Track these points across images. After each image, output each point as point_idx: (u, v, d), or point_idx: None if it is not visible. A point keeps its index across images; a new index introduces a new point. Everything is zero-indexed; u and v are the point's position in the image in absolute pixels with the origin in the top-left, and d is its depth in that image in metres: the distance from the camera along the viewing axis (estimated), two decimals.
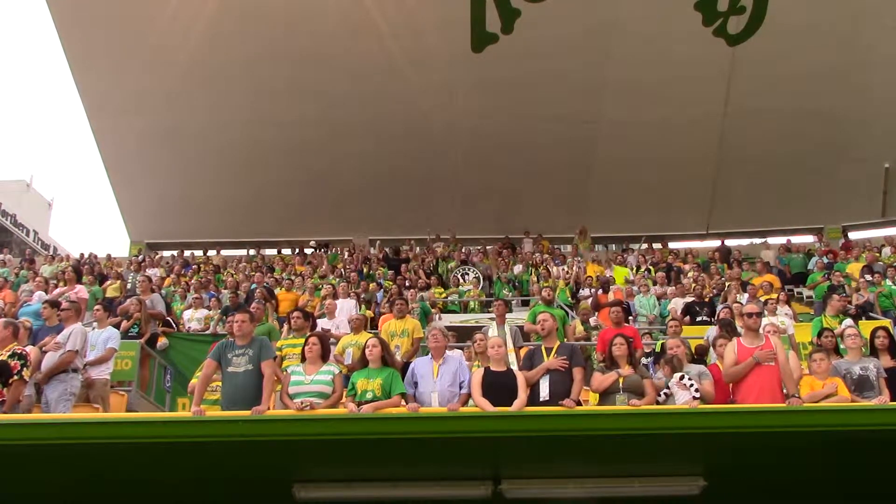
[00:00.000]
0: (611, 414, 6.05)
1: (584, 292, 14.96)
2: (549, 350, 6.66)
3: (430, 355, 6.79)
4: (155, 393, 10.52)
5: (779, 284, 14.38)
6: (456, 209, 22.64)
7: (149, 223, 23.82)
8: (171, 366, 11.09)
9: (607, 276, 15.86)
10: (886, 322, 10.51)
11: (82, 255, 21.05)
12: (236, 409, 6.12)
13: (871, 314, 12.34)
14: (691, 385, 6.44)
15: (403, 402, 6.20)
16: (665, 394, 6.58)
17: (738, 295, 12.73)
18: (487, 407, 6.03)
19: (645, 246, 21.20)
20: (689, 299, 12.87)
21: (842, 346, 7.70)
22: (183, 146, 21.46)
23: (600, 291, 14.21)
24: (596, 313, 11.78)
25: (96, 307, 9.73)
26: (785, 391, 6.52)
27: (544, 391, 6.33)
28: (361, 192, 22.10)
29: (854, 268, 15.46)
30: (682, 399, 6.42)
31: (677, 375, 6.62)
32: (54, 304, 9.25)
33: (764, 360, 6.38)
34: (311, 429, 5.69)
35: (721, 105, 20.25)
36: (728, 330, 8.16)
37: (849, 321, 10.01)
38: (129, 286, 14.95)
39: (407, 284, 15.22)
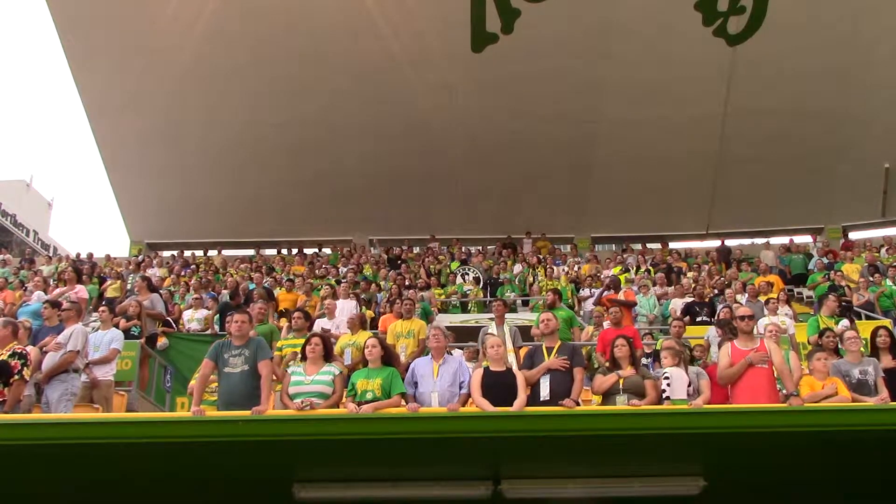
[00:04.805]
0: (611, 414, 6.05)
1: (585, 292, 14.94)
2: (549, 350, 6.67)
3: (430, 355, 6.79)
4: (155, 393, 10.53)
5: (781, 285, 14.39)
6: (456, 209, 22.64)
7: (149, 223, 23.82)
8: (171, 366, 11.11)
9: (610, 275, 15.79)
10: (886, 322, 10.53)
11: (79, 254, 21.06)
12: (232, 410, 6.13)
13: (869, 314, 12.35)
14: (664, 390, 6.49)
15: (403, 402, 6.21)
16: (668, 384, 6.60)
17: (737, 295, 12.75)
18: (487, 407, 6.03)
19: (639, 247, 21.27)
20: (689, 299, 12.87)
21: (841, 348, 7.70)
22: (183, 146, 21.46)
23: (610, 291, 14.13)
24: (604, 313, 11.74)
25: (101, 308, 9.74)
26: (784, 391, 6.53)
27: (544, 391, 6.34)
28: (361, 192, 22.08)
29: (853, 268, 15.47)
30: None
31: (664, 371, 6.68)
32: (55, 304, 9.25)
33: (757, 361, 6.40)
34: (311, 429, 5.68)
35: (721, 105, 20.24)
36: (727, 330, 8.16)
37: (845, 321, 10.02)
38: (128, 286, 14.96)
39: (407, 284, 15.22)
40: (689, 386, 6.70)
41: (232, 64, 19.40)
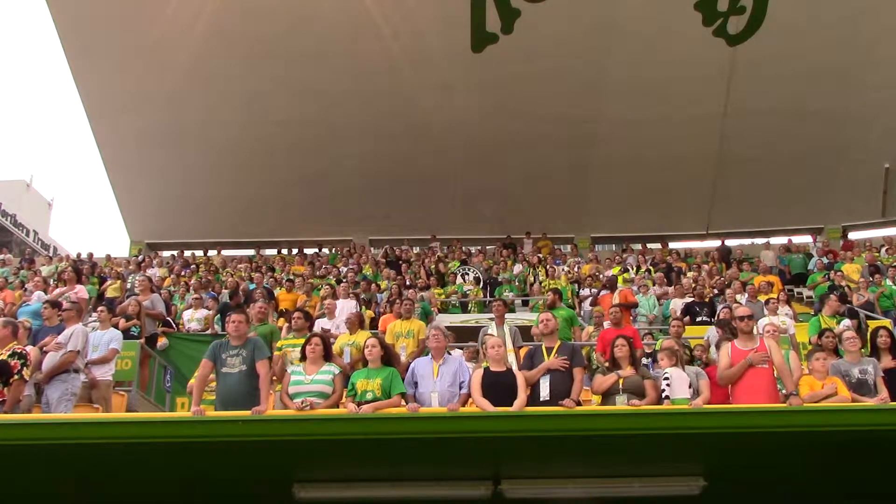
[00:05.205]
0: (611, 414, 6.05)
1: (585, 292, 14.95)
2: (549, 350, 6.67)
3: (430, 355, 6.79)
4: (155, 393, 10.53)
5: (780, 285, 14.39)
6: (456, 209, 22.64)
7: (149, 223, 23.83)
8: (171, 366, 11.11)
9: (609, 275, 15.78)
10: (886, 322, 10.53)
11: (79, 254, 21.06)
12: (229, 410, 6.13)
13: (869, 314, 12.33)
14: (662, 390, 6.52)
15: (403, 402, 6.20)
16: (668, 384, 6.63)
17: (737, 295, 12.74)
18: (488, 407, 6.03)
19: (639, 247, 21.30)
20: (689, 299, 12.87)
21: (841, 348, 7.70)
22: (183, 146, 21.46)
23: (605, 291, 14.14)
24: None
25: (100, 308, 9.74)
26: (784, 391, 6.53)
27: (544, 391, 6.33)
28: (361, 192, 22.09)
29: (853, 268, 15.46)
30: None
31: (664, 372, 6.69)
32: (55, 304, 9.26)
33: (757, 362, 6.38)
34: (311, 429, 5.68)
35: (721, 105, 20.24)
36: (727, 330, 8.15)
37: (847, 321, 10.02)
38: (128, 286, 14.96)
39: (407, 284, 15.22)
40: (689, 387, 6.71)
41: (232, 64, 19.39)
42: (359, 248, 21.91)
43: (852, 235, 21.75)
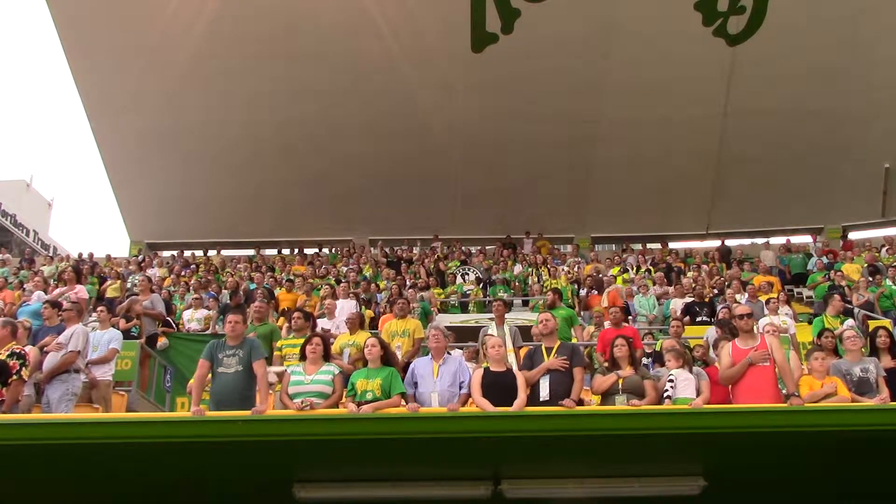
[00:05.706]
0: (611, 414, 6.05)
1: (585, 292, 14.94)
2: (549, 350, 6.66)
3: (430, 355, 6.79)
4: (155, 393, 10.54)
5: (780, 285, 14.39)
6: (456, 209, 22.64)
7: (149, 223, 23.83)
8: (171, 366, 11.11)
9: (604, 276, 15.77)
10: (886, 322, 10.52)
11: (80, 255, 21.06)
12: (223, 410, 6.13)
13: (869, 314, 12.34)
14: (665, 391, 6.52)
15: (403, 402, 6.21)
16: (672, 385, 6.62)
17: (737, 295, 12.75)
18: (488, 407, 6.03)
19: (639, 247, 21.31)
20: (689, 299, 12.87)
21: (841, 348, 7.69)
22: (183, 146, 21.46)
23: (594, 292, 14.17)
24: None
25: (99, 308, 9.75)
26: (784, 391, 6.53)
27: (544, 391, 6.33)
28: (361, 192, 22.09)
29: (853, 268, 15.46)
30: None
31: (669, 373, 6.68)
32: (55, 304, 9.26)
33: (757, 360, 6.38)
34: (311, 429, 5.69)
35: (721, 105, 20.25)
36: (726, 330, 8.15)
37: (850, 321, 10.02)
38: (128, 286, 14.95)
39: (407, 284, 15.22)
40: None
41: (231, 64, 19.40)
42: (359, 248, 21.92)
43: (852, 235, 21.76)
